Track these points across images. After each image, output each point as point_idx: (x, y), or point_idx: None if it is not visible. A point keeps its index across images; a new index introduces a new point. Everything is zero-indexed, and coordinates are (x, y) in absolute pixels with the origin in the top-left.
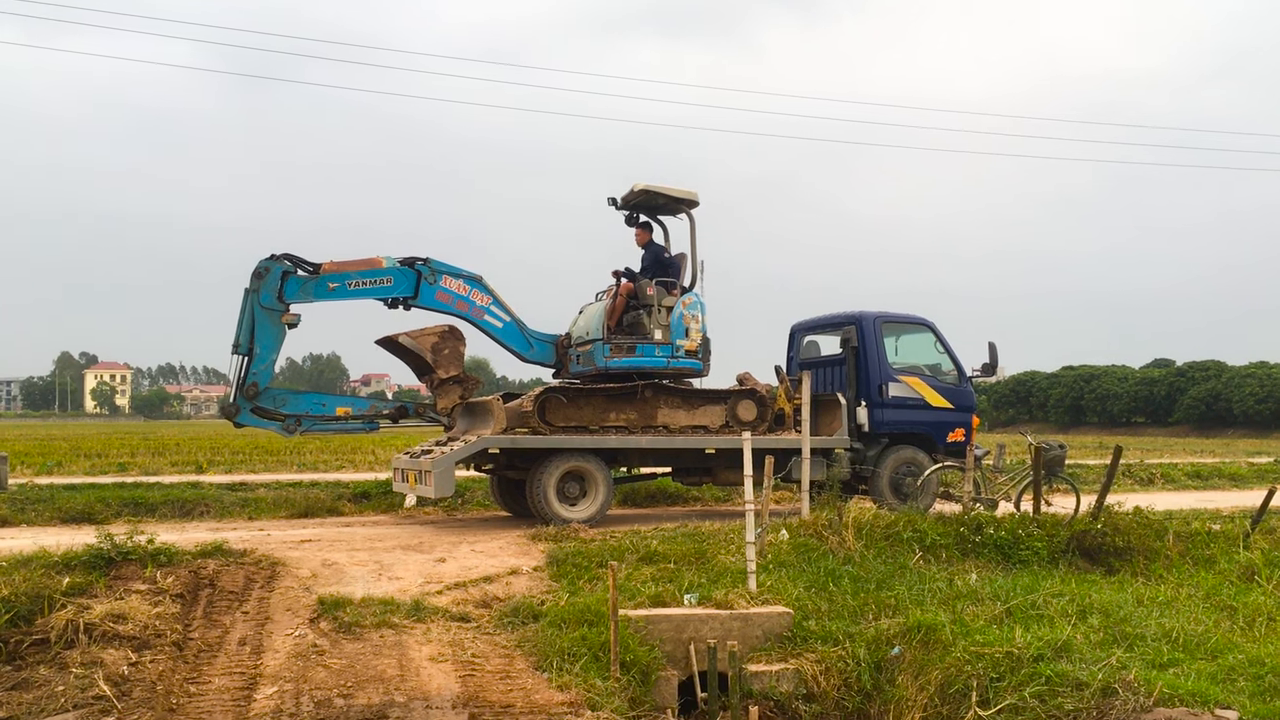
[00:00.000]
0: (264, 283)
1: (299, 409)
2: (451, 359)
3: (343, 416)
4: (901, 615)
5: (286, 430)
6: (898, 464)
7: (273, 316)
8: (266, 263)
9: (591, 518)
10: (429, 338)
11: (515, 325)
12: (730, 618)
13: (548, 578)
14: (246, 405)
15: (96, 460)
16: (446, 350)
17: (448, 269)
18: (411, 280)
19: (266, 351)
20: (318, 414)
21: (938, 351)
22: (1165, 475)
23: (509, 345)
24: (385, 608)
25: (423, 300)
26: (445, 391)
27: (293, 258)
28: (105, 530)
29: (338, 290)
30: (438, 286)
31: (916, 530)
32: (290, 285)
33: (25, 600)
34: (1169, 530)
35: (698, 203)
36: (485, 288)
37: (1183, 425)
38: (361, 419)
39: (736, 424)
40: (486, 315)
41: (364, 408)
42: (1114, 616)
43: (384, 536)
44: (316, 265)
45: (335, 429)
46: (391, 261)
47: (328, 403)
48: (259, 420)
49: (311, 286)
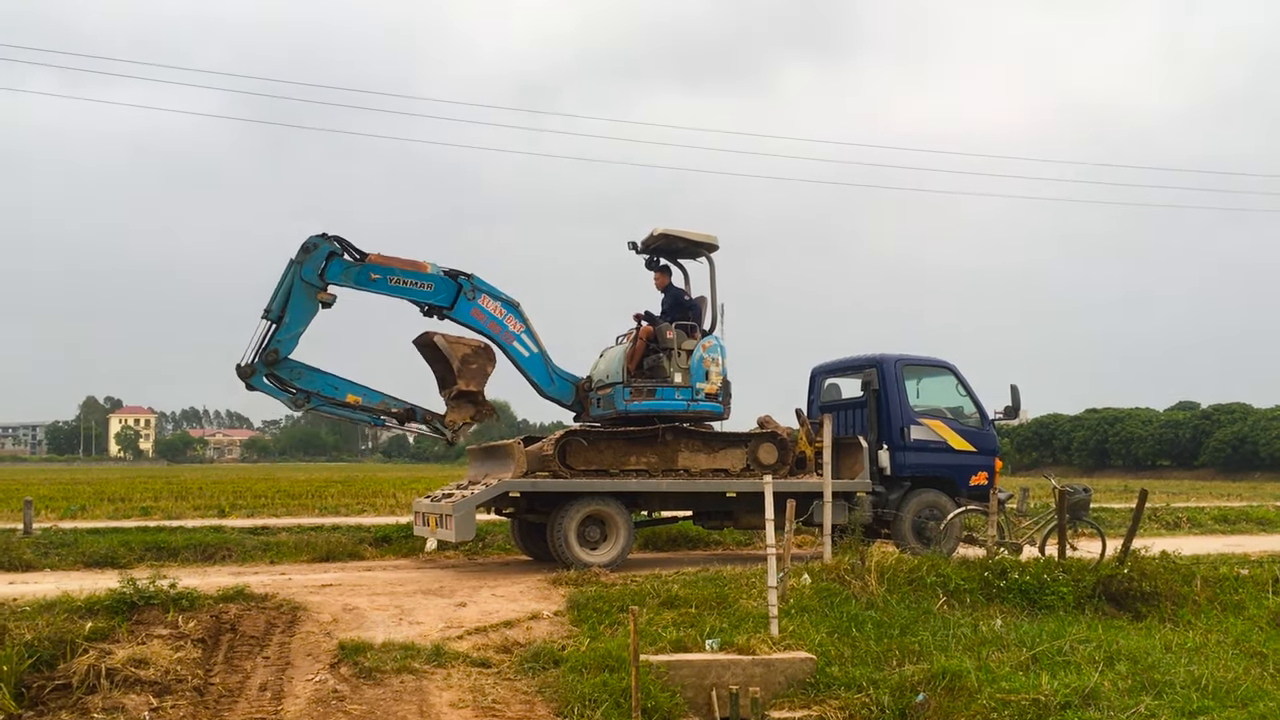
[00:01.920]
0: (309, 258)
1: (312, 386)
2: (476, 375)
3: (352, 404)
4: (926, 661)
5: (294, 404)
6: (920, 508)
7: (310, 291)
8: (316, 239)
9: (612, 562)
10: (463, 347)
11: (541, 358)
12: (752, 663)
13: (569, 622)
14: (263, 369)
15: (120, 504)
16: (475, 365)
17: (488, 288)
18: (451, 291)
19: (295, 323)
20: (329, 395)
21: (959, 394)
22: (1191, 519)
23: (531, 376)
24: (406, 653)
25: (458, 313)
26: (458, 406)
27: (342, 241)
28: (128, 574)
29: (378, 283)
30: (475, 303)
31: (940, 575)
32: (334, 266)
33: (48, 645)
34: (1197, 575)
35: (717, 246)
36: (520, 314)
37: (1208, 469)
38: (369, 411)
39: (757, 467)
40: (515, 342)
41: (375, 401)
42: (1142, 663)
43: (405, 581)
44: (364, 254)
45: (342, 414)
46: (436, 269)
47: (340, 387)
48: (270, 387)
49: (354, 272)
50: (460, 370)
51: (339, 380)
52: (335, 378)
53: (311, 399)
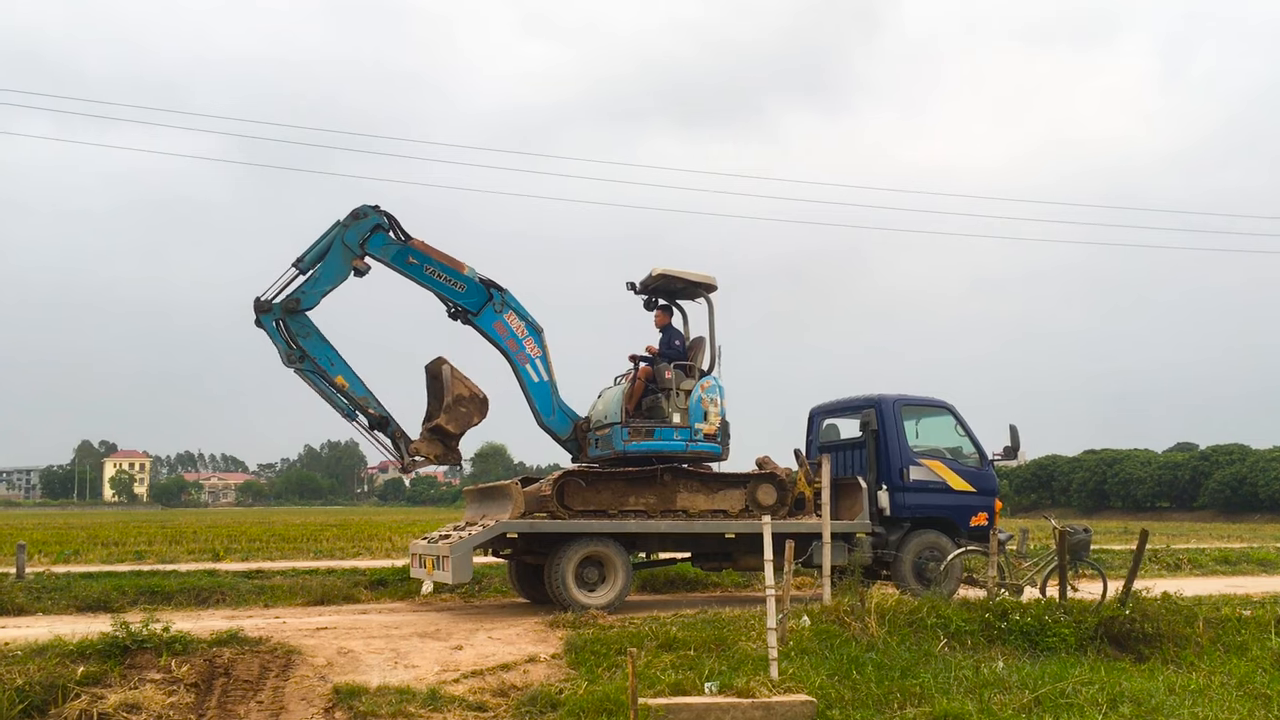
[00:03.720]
0: (356, 224)
1: (312, 350)
2: (460, 418)
3: (338, 385)
4: (927, 704)
5: (287, 359)
6: (920, 548)
7: (347, 255)
8: (367, 208)
9: (610, 604)
10: (463, 387)
11: (549, 387)
12: (752, 706)
13: (566, 665)
14: (278, 313)
15: (114, 549)
16: (464, 409)
17: (517, 306)
18: (481, 298)
19: (325, 280)
20: (322, 365)
21: (958, 434)
22: (1192, 560)
23: (535, 401)
24: (401, 697)
25: (481, 321)
26: (430, 440)
27: (392, 218)
28: (121, 618)
29: (414, 268)
30: (500, 316)
31: (941, 616)
32: (377, 239)
33: (40, 690)
34: (1199, 616)
35: (715, 287)
36: (540, 340)
37: (1208, 510)
38: (350, 401)
39: (756, 508)
40: (529, 365)
41: (359, 394)
42: (1145, 705)
43: (400, 624)
44: (409, 236)
45: (323, 389)
46: (474, 273)
47: (336, 364)
48: (274, 331)
49: (394, 250)
50: (449, 406)
51: (338, 359)
52: (337, 354)
53: (305, 361)
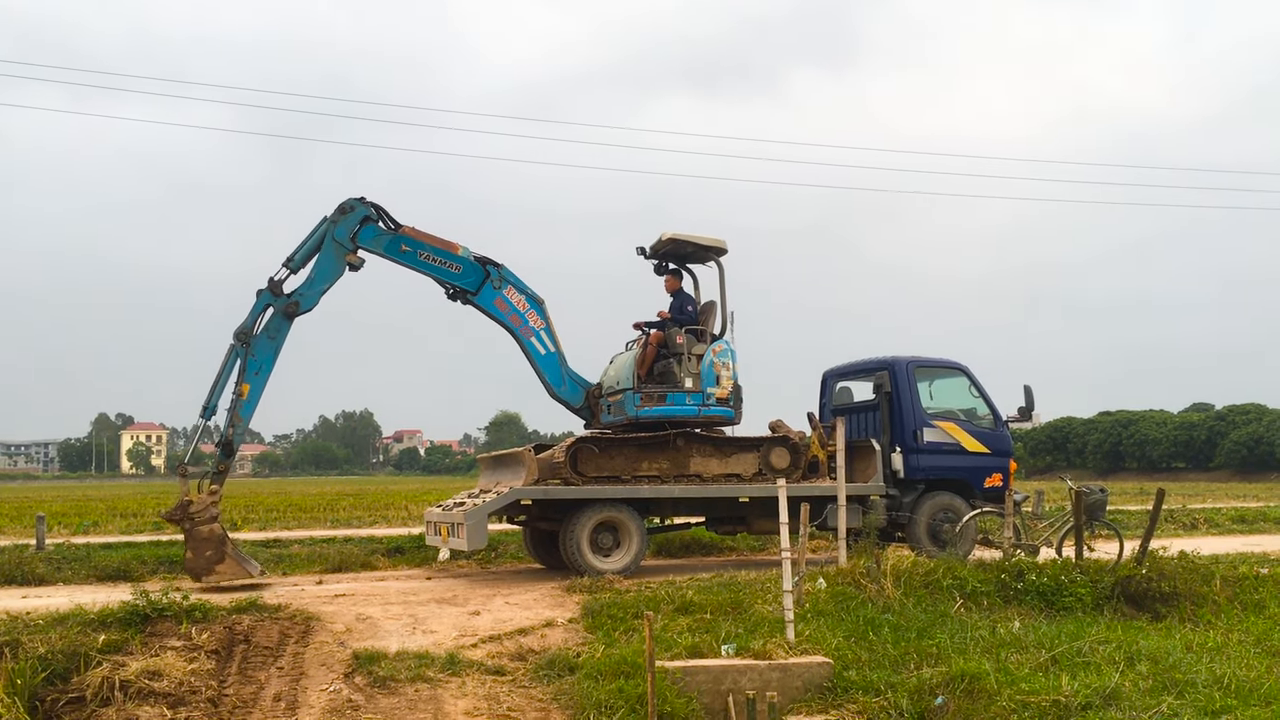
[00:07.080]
0: (344, 218)
1: (260, 351)
2: (212, 544)
3: (238, 392)
4: (944, 664)
5: (240, 333)
6: (935, 510)
7: (339, 251)
8: (354, 202)
9: (625, 568)
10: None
11: (557, 358)
12: (769, 668)
13: (583, 629)
14: (280, 302)
15: (132, 520)
16: (228, 551)
17: (515, 281)
18: (479, 277)
19: (321, 280)
20: (251, 368)
21: (972, 396)
22: (1209, 520)
23: (544, 374)
24: (420, 662)
25: (481, 300)
26: (207, 544)
27: (379, 209)
28: (140, 587)
29: (408, 255)
30: (499, 293)
31: (956, 577)
32: (367, 231)
33: (61, 658)
34: (1216, 575)
35: (726, 250)
36: (543, 312)
37: (1224, 470)
38: (229, 412)
39: (770, 472)
40: (534, 337)
41: (241, 413)
42: (1163, 663)
43: (418, 590)
44: (399, 224)
45: (224, 374)
46: (468, 253)
47: (261, 375)
48: (258, 315)
49: (385, 240)
50: (195, 546)
51: (265, 376)
52: (268, 372)
53: (248, 360)
